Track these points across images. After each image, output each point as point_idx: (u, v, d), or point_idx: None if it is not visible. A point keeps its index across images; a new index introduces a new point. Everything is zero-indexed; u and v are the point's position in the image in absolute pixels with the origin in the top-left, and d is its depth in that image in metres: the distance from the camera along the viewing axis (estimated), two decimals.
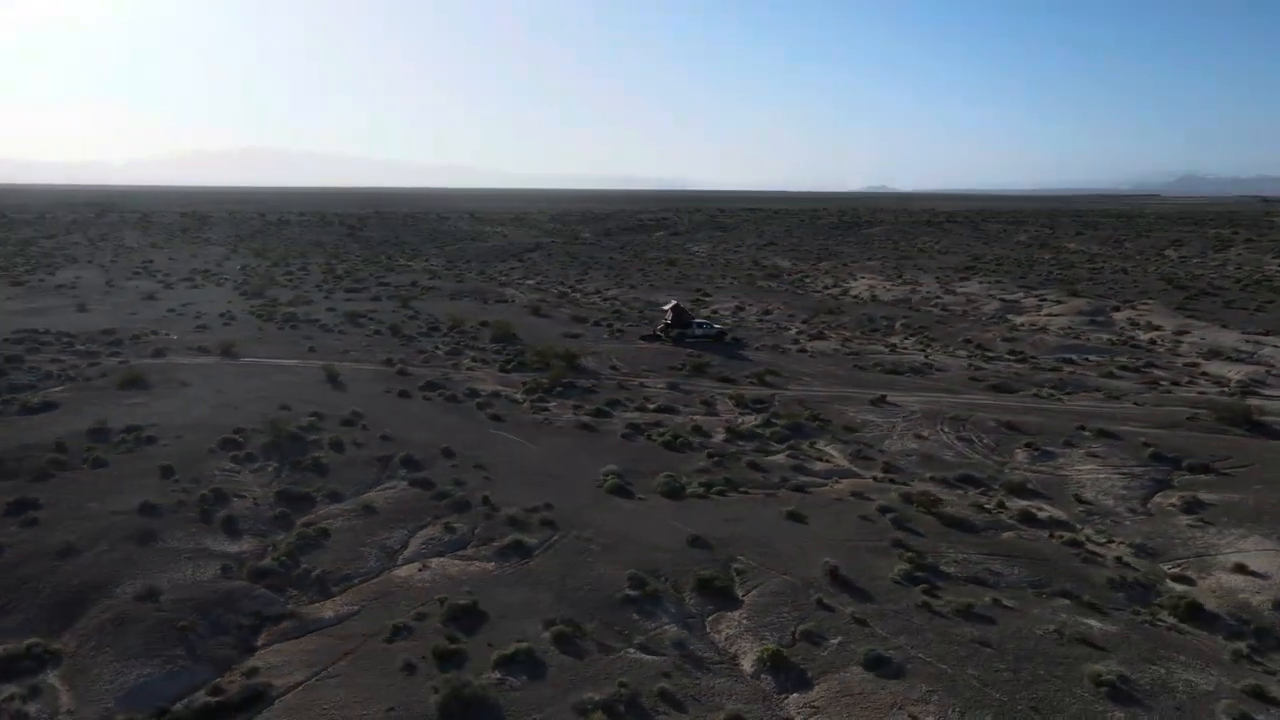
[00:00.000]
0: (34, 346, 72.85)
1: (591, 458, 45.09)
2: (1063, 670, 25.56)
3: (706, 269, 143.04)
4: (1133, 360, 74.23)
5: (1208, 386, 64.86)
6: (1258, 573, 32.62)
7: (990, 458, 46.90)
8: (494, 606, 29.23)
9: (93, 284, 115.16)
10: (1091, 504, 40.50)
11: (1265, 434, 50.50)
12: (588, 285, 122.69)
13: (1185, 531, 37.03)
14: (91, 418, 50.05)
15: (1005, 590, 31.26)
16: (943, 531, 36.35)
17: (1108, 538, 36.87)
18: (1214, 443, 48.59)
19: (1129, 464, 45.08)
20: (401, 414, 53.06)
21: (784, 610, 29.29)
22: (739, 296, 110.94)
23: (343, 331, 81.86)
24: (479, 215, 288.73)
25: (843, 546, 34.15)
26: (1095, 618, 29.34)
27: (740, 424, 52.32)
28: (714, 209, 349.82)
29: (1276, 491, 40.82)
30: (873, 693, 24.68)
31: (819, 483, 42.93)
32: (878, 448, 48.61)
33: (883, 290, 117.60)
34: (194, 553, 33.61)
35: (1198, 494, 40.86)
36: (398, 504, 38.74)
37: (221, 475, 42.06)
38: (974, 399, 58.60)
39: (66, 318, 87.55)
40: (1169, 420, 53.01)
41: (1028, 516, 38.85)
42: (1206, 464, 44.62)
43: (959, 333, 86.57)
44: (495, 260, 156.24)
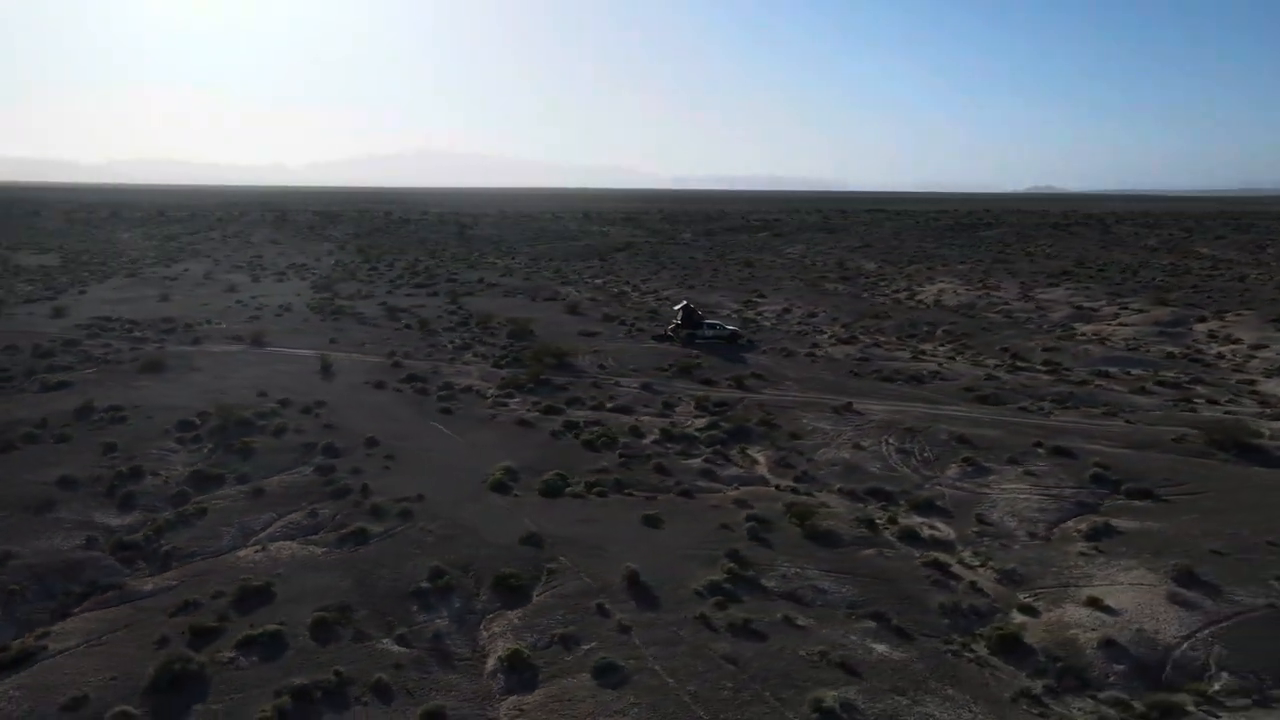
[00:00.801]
0: (96, 331, 79.92)
1: (505, 453, 45.71)
2: (792, 694, 24.37)
3: (782, 270, 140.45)
4: (1180, 375, 68.28)
5: (1248, 406, 58.92)
6: (1110, 608, 29.81)
7: (919, 472, 44.49)
8: (288, 590, 30.37)
9: (193, 276, 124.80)
10: (992, 525, 37.89)
11: (1251, 459, 45.61)
12: (651, 285, 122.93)
13: (1070, 559, 34.14)
14: (87, 397, 54.67)
15: (815, 609, 29.94)
16: (798, 545, 35.01)
17: (983, 561, 34.53)
18: (1181, 466, 44.34)
19: (1063, 485, 41.81)
20: (362, 404, 55.27)
21: (560, 613, 29.10)
22: (792, 299, 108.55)
23: (376, 325, 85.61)
24: (593, 215, 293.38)
25: (672, 553, 33.49)
26: (891, 643, 27.71)
27: (684, 426, 51.65)
28: (838, 209, 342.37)
29: (1207, 522, 37.00)
30: (581, 700, 24.32)
31: (715, 488, 42.04)
32: (808, 456, 46.99)
33: (953, 295, 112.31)
34: (76, 524, 36.38)
35: (1114, 520, 37.54)
36: (289, 489, 40.58)
37: (156, 454, 45.22)
38: (950, 410, 55.53)
39: (146, 306, 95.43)
40: (1149, 440, 48.66)
41: (909, 534, 36.86)
42: (1148, 489, 40.81)
43: (1002, 340, 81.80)
44: (579, 259, 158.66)
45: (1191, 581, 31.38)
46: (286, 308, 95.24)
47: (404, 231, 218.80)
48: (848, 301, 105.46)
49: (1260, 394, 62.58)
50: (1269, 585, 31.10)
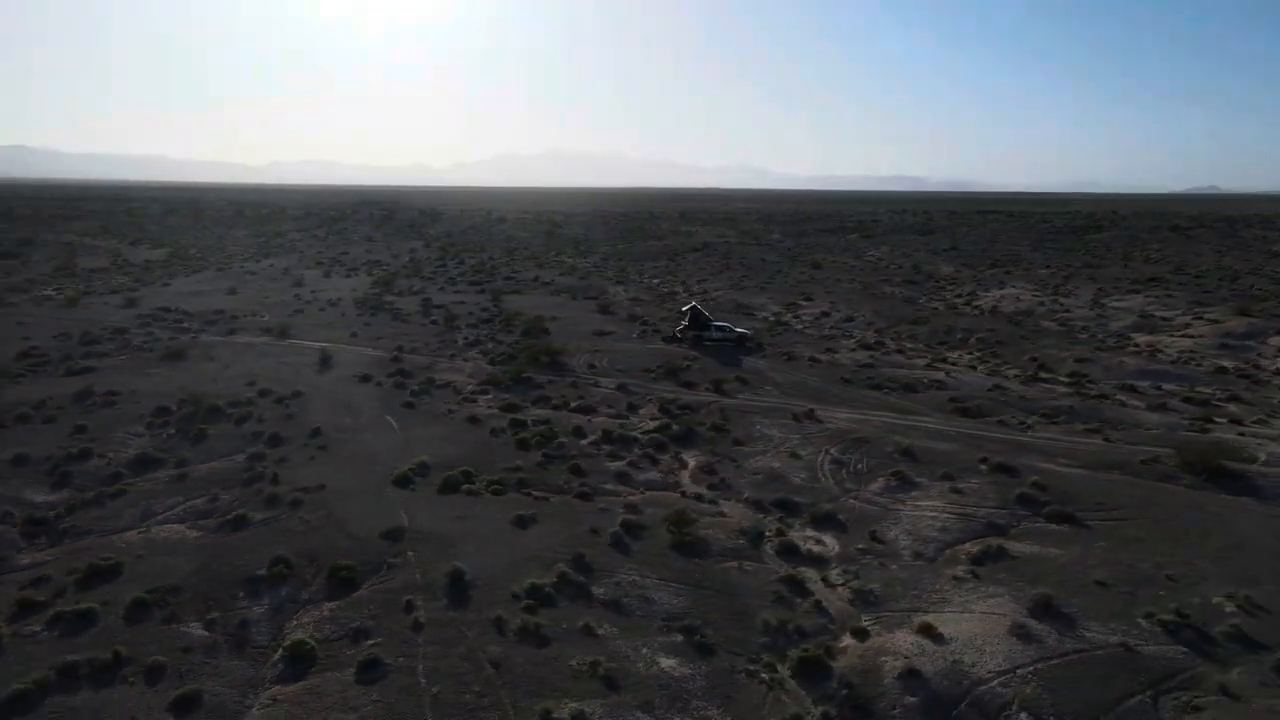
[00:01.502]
0: (149, 321, 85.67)
1: (434, 448, 46.52)
2: (531, 703, 24.06)
3: (847, 273, 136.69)
4: (1218, 391, 63.08)
5: (1277, 428, 53.88)
6: (942, 636, 27.96)
7: (843, 484, 42.72)
8: (136, 570, 32.00)
9: (272, 271, 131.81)
10: (883, 543, 36.06)
11: (1220, 485, 41.74)
12: (706, 285, 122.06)
13: (940, 583, 32.16)
14: (92, 383, 58.83)
15: (630, 619, 29.36)
16: (659, 553, 34.34)
17: (847, 580, 32.99)
18: (1130, 490, 41.02)
19: (983, 505, 39.35)
20: (335, 397, 57.26)
21: (370, 607, 29.55)
22: (838, 302, 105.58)
23: (406, 320, 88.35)
24: (689, 215, 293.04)
25: (519, 554, 33.44)
26: (685, 659, 26.96)
27: (633, 428, 51.24)
28: (952, 210, 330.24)
29: (1114, 551, 34.21)
30: (330, 695, 24.73)
31: (619, 491, 41.59)
32: (738, 463, 45.84)
33: (1014, 301, 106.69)
34: (4, 499, 39.22)
35: (1013, 544, 35.15)
36: (211, 475, 42.57)
37: (118, 438, 48.24)
38: (920, 421, 53.04)
39: (210, 299, 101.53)
40: (1116, 461, 45.18)
41: (789, 548, 35.61)
42: (1072, 513, 37.91)
43: (1037, 350, 77.30)
44: (650, 259, 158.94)
45: (1047, 614, 29.11)
46: (334, 302, 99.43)
47: (495, 230, 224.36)
48: (896, 306, 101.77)
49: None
50: (1134, 623, 28.53)
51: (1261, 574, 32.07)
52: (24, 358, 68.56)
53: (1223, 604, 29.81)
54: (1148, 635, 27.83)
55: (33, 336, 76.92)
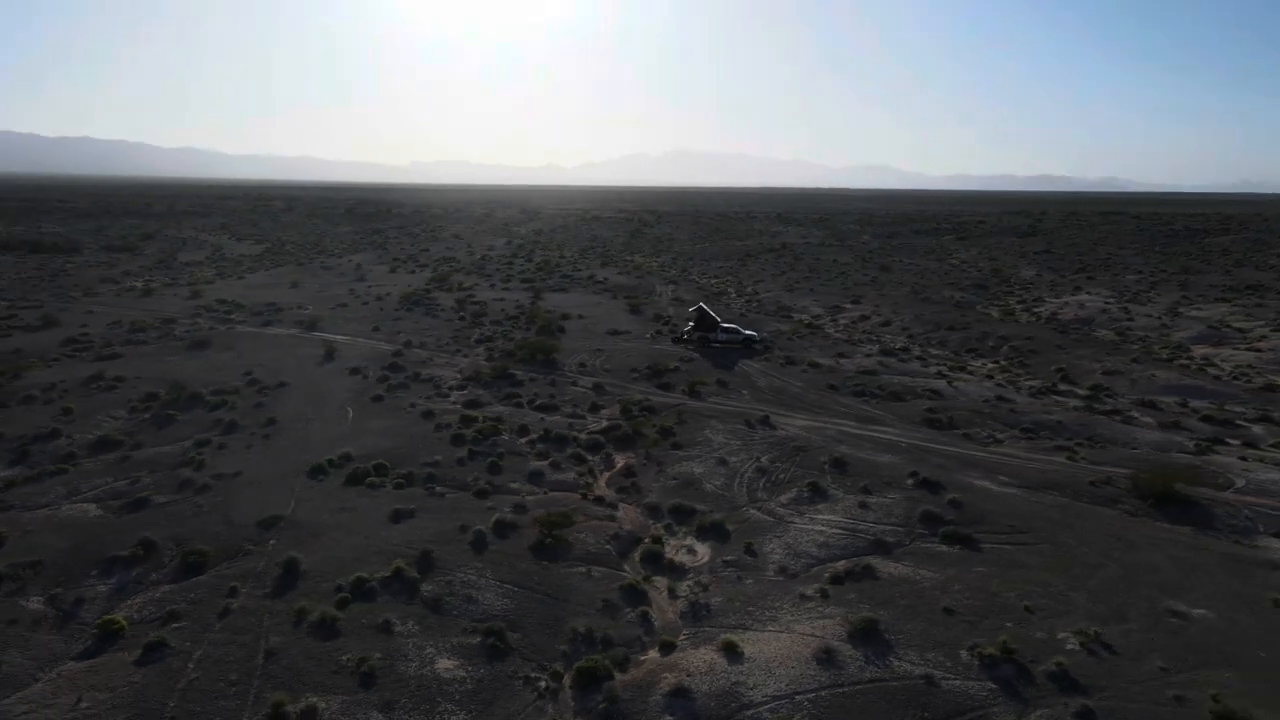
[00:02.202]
0: (201, 312, 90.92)
1: (372, 440, 47.64)
2: (278, 694, 24.37)
3: (915, 275, 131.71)
4: (1249, 410, 57.91)
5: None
6: (740, 654, 26.81)
7: (755, 493, 41.33)
8: (18, 544, 34.16)
9: (346, 266, 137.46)
10: (754, 556, 34.74)
11: (1165, 512, 38.29)
12: (761, 286, 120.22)
13: (782, 600, 30.74)
14: (112, 367, 62.99)
15: (442, 618, 29.43)
16: (513, 554, 34.17)
17: (695, 591, 31.99)
18: (1053, 512, 38.16)
19: (882, 522, 37.32)
20: (317, 388, 59.36)
21: (199, 591, 30.61)
22: (882, 305, 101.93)
23: (436, 315, 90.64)
24: (786, 216, 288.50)
25: (371, 547, 33.93)
26: (466, 660, 26.84)
27: (579, 428, 51.03)
28: (1070, 211, 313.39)
29: (995, 578, 31.91)
30: (104, 673, 25.85)
31: (524, 491, 41.52)
32: (664, 467, 44.99)
33: (1076, 308, 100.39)
34: None
35: (887, 565, 33.27)
36: (152, 458, 44.89)
37: (97, 420, 51.54)
38: (878, 430, 50.75)
39: (272, 292, 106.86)
40: (1061, 481, 42.05)
41: (654, 557, 34.90)
42: (970, 535, 35.52)
43: (1071, 360, 72.61)
44: (719, 259, 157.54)
45: (866, 639, 27.43)
46: (380, 298, 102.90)
47: (582, 229, 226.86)
48: (942, 311, 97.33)
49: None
50: (954, 654, 26.56)
51: (1134, 611, 29.23)
52: (68, 343, 73.83)
53: (1067, 640, 27.35)
54: (961, 669, 25.82)
55: (90, 324, 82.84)
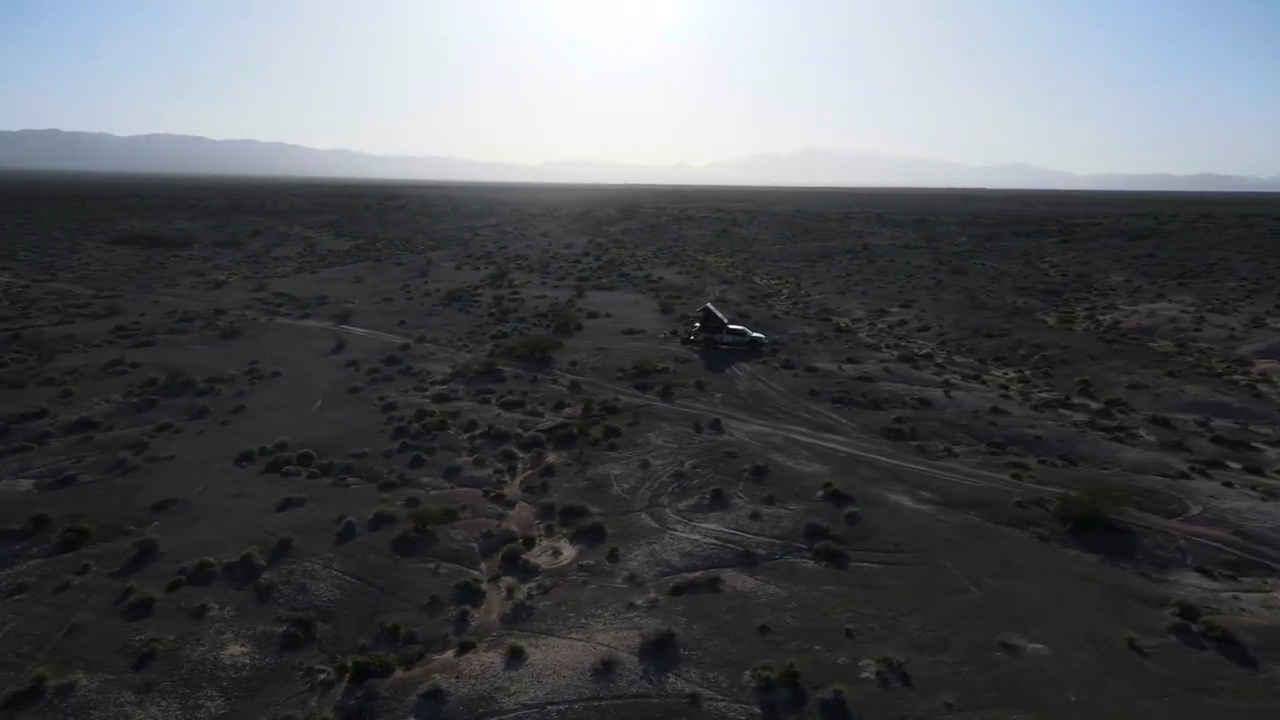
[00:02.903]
0: (253, 305, 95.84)
1: (319, 430, 49.22)
2: (51, 669, 25.55)
3: (987, 280, 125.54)
4: (1273, 434, 52.96)
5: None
6: (521, 659, 26.33)
7: (656, 498, 40.43)
8: None
9: (417, 262, 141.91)
10: (614, 562, 33.98)
11: (1080, 539, 35.40)
12: (814, 290, 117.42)
13: (604, 608, 29.98)
14: (137, 355, 67.33)
15: (268, 605, 30.10)
16: (373, 546, 34.66)
17: (531, 594, 31.67)
18: (955, 532, 35.77)
19: (763, 533, 35.86)
20: (305, 378, 61.80)
21: (57, 567, 32.35)
22: (930, 310, 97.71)
23: (467, 311, 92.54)
24: (885, 217, 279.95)
25: (239, 533, 34.99)
26: (262, 649, 27.43)
27: (528, 426, 51.20)
28: (1202, 213, 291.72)
29: (839, 598, 30.23)
30: None
31: (430, 485, 42.05)
32: (584, 469, 44.56)
33: (1146, 316, 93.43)
34: None
35: (737, 578, 31.98)
36: (110, 440, 47.72)
37: (89, 403, 55.09)
38: (825, 439, 48.78)
39: (331, 286, 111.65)
40: (983, 500, 39.34)
41: (513, 556, 34.73)
42: (842, 552, 33.72)
43: (1102, 371, 67.77)
44: (791, 260, 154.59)
45: (657, 653, 26.53)
46: (428, 294, 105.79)
47: (670, 228, 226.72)
48: (988, 318, 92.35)
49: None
50: (738, 675, 25.38)
51: (962, 641, 27.08)
52: (117, 330, 79.23)
53: (867, 668, 25.62)
54: (735, 691, 24.58)
55: (149, 314, 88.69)
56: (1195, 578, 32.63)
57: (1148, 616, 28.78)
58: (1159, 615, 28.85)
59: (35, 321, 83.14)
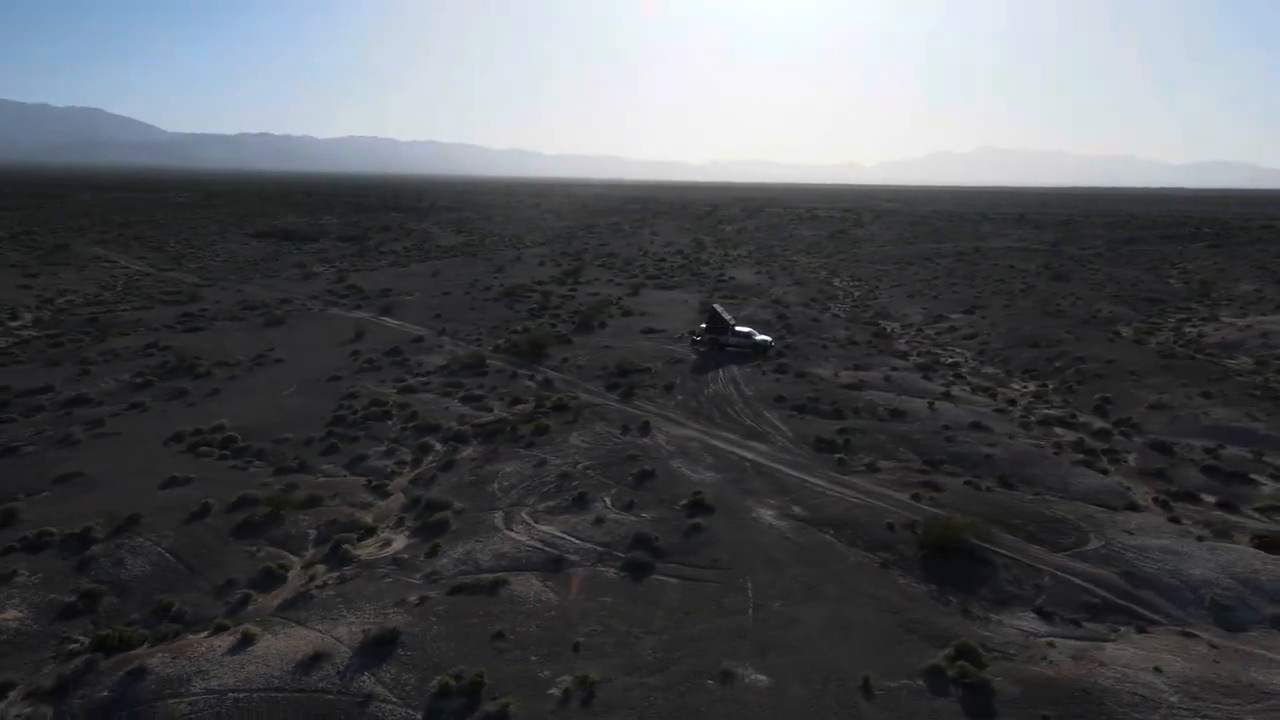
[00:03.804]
0: (320, 295, 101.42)
1: (271, 414, 51.76)
2: None
3: (1091, 288, 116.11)
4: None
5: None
6: (246, 646, 26.74)
7: (522, 498, 40.01)
8: None
9: (502, 260, 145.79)
10: (431, 557, 33.96)
11: (928, 565, 32.52)
12: (886, 293, 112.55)
13: (375, 602, 30.07)
14: (178, 338, 72.96)
15: (66, 579, 32.00)
16: (209, 528, 36.22)
17: (328, 582, 32.18)
18: (790, 553, 33.58)
19: (594, 539, 34.85)
20: (302, 365, 64.99)
21: None
22: (989, 317, 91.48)
23: (511, 307, 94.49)
24: (1026, 218, 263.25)
25: (99, 510, 37.25)
26: (34, 617, 29.31)
27: (469, 419, 51.90)
28: None
29: (603, 612, 29.14)
30: None
31: (325, 473, 43.39)
32: (484, 465, 44.74)
33: (1240, 331, 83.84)
34: None
35: (525, 584, 31.35)
36: (83, 414, 51.89)
37: (97, 380, 60.03)
38: (743, 447, 46.78)
39: (407, 281, 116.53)
40: (859, 519, 36.69)
41: (339, 545, 35.31)
42: (648, 563, 32.36)
43: (1127, 389, 61.67)
44: (886, 263, 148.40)
45: (373, 650, 26.50)
46: (489, 288, 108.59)
47: (785, 228, 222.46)
48: (1045, 327, 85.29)
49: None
50: (426, 680, 25.00)
51: (683, 666, 25.49)
52: (183, 317, 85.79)
53: (562, 683, 24.62)
54: (414, 696, 24.22)
55: (222, 301, 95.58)
56: (1029, 619, 29.25)
57: (914, 656, 26.06)
58: (927, 655, 26.05)
59: (119, 306, 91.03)
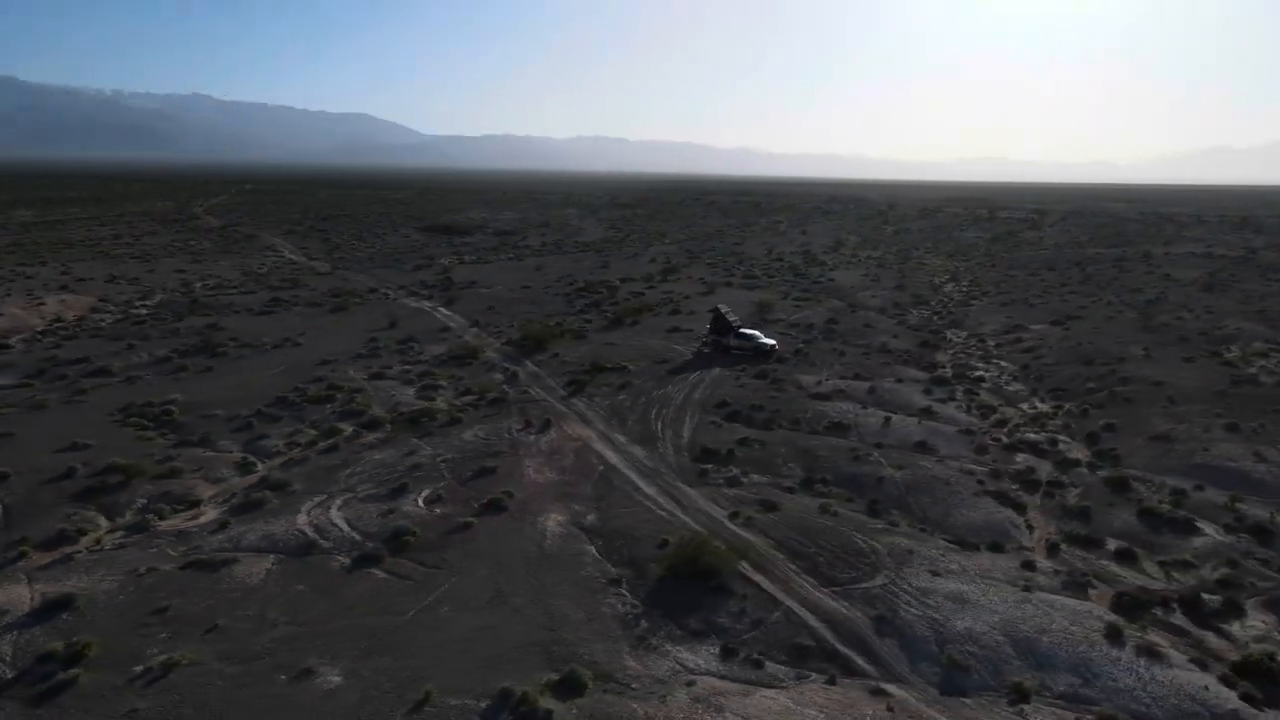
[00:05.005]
0: (408, 286, 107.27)
1: (222, 392, 55.82)
2: None
3: (1241, 300, 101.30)
4: (1254, 514, 40.10)
5: None
6: None
7: (352, 484, 40.82)
8: None
9: (616, 255, 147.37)
10: (217, 533, 35.71)
11: (663, 586, 30.42)
12: (976, 299, 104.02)
13: (125, 570, 32.21)
14: (236, 321, 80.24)
15: None
16: (65, 489, 39.74)
17: (99, 548, 34.71)
18: (521, 557, 32.43)
19: (359, 528, 35.22)
20: (312, 349, 69.30)
21: None
22: (1070, 331, 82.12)
23: (572, 301, 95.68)
24: (1252, 219, 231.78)
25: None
26: None
27: (408, 407, 53.57)
28: None
29: (280, 599, 29.60)
30: None
31: (225, 448, 46.12)
32: (359, 452, 46.21)
33: None
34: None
35: (248, 562, 32.36)
36: (91, 384, 58.15)
37: (132, 355, 67.02)
38: (610, 451, 45.23)
39: (505, 274, 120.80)
40: (635, 533, 34.73)
41: (149, 514, 37.81)
42: (375, 556, 32.27)
43: (1139, 418, 53.67)
44: (1027, 268, 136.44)
45: (46, 612, 28.67)
46: (572, 282, 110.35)
47: (950, 230, 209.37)
48: (1120, 345, 75.40)
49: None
50: (36, 645, 26.55)
51: (280, 654, 25.50)
52: (271, 302, 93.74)
53: (154, 661, 25.33)
54: (22, 656, 25.82)
55: (318, 288, 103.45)
56: (705, 654, 26.64)
57: (515, 677, 24.41)
58: (531, 678, 24.36)
59: (232, 291, 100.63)
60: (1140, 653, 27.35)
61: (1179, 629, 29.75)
